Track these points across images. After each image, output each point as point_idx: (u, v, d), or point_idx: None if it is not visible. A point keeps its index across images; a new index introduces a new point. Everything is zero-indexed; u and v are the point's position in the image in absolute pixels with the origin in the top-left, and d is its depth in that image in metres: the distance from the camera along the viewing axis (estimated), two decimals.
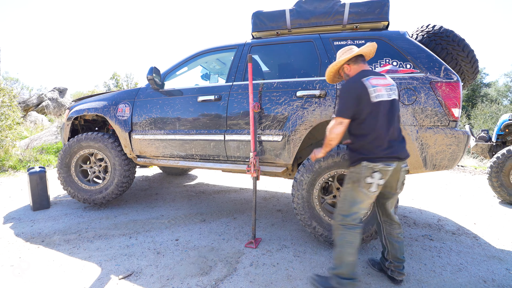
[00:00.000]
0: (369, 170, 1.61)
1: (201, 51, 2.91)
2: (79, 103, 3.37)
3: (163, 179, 4.94)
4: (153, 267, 2.03)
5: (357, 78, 1.65)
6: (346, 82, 1.70)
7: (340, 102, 1.67)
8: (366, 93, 1.59)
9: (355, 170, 1.68)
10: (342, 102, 1.65)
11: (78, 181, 3.19)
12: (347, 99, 1.63)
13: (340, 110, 1.64)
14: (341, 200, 1.73)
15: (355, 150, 1.70)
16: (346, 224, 1.67)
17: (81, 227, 2.71)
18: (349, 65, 1.78)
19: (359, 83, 1.62)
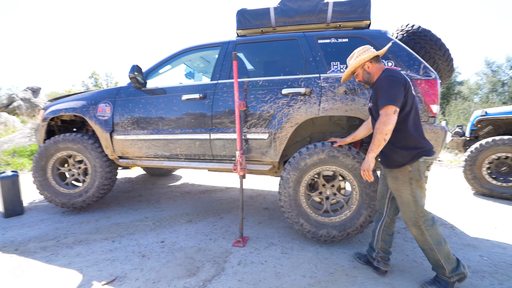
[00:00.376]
0: (426, 164, 1.61)
1: (184, 49, 2.85)
2: (55, 103, 3.20)
3: (147, 180, 4.81)
4: (138, 271, 1.97)
5: (396, 71, 1.64)
6: (388, 73, 1.62)
7: (388, 91, 1.55)
8: (409, 85, 1.60)
9: (414, 168, 1.61)
10: (392, 91, 1.54)
11: (55, 185, 3.03)
12: (397, 87, 1.55)
13: (392, 98, 1.53)
14: (411, 204, 1.63)
15: (409, 147, 1.61)
16: (429, 223, 1.64)
17: (59, 233, 2.58)
18: (371, 63, 1.74)
19: (402, 74, 1.62)
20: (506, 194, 3.71)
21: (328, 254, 2.17)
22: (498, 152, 3.73)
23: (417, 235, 1.68)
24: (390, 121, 1.53)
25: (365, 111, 2.20)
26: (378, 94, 1.61)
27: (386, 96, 1.55)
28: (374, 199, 2.14)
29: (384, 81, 1.61)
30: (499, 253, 2.23)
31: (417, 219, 1.64)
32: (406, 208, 1.67)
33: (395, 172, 1.68)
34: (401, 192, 1.66)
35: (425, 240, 1.66)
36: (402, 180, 1.64)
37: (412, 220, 1.66)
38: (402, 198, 1.67)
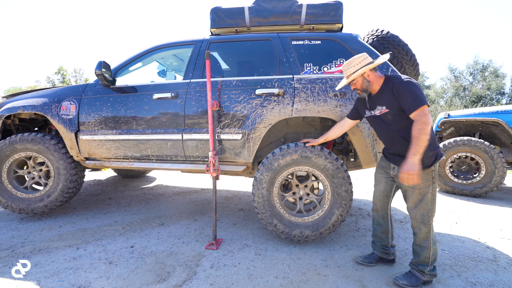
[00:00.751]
0: (437, 165, 1.69)
1: (156, 46, 2.75)
2: (12, 100, 2.95)
3: (118, 182, 4.60)
4: (103, 279, 1.86)
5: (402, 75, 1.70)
6: (403, 78, 1.64)
7: (415, 92, 1.56)
8: None
9: (435, 168, 1.68)
10: (418, 91, 1.56)
11: (12, 189, 2.79)
12: (419, 88, 1.58)
13: (423, 98, 1.55)
14: (430, 202, 1.69)
15: (433, 147, 1.64)
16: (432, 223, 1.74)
17: (15, 242, 2.38)
18: (371, 72, 1.74)
19: None
20: (465, 191, 3.98)
21: (302, 254, 2.19)
22: (459, 152, 3.99)
23: (424, 233, 1.73)
24: (429, 120, 1.53)
25: (337, 112, 2.25)
26: (403, 99, 1.59)
27: (416, 98, 1.55)
28: (346, 199, 2.19)
29: (406, 85, 1.60)
30: (458, 246, 2.38)
31: (429, 217, 1.71)
32: (423, 207, 1.71)
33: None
34: (424, 191, 1.69)
35: (427, 238, 1.73)
36: (425, 179, 1.67)
37: (425, 218, 1.71)
38: (423, 196, 1.70)
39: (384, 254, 2.01)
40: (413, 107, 1.56)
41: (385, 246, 2.01)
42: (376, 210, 2.01)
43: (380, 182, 1.96)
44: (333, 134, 2.14)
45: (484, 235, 2.65)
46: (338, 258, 2.14)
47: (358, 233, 2.62)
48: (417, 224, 1.75)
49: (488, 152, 3.81)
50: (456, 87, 21.56)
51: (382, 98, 1.73)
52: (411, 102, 1.56)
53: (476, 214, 3.26)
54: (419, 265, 1.78)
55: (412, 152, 1.54)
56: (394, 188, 1.93)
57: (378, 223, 2.01)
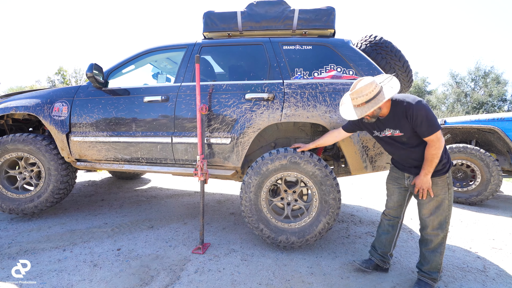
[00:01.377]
0: (450, 171, 1.75)
1: (149, 49, 2.76)
2: (6, 100, 2.97)
3: (112, 183, 4.60)
4: (86, 282, 1.85)
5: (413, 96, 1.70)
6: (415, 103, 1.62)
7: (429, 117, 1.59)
8: None
9: (449, 174, 1.74)
10: (431, 116, 1.62)
11: (2, 189, 2.80)
12: (431, 112, 1.64)
13: (436, 123, 1.61)
14: (446, 208, 1.73)
15: (445, 155, 1.73)
16: None
17: (2, 242, 2.37)
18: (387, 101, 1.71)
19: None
20: (461, 198, 3.94)
21: (288, 260, 2.17)
22: (454, 159, 3.96)
23: (440, 238, 1.75)
24: (442, 144, 1.62)
25: (326, 117, 2.24)
26: (417, 124, 1.62)
27: (431, 123, 1.60)
28: (333, 207, 2.17)
29: (420, 110, 1.60)
30: (449, 255, 2.35)
31: (447, 222, 1.74)
32: (441, 213, 1.73)
33: (435, 179, 1.73)
34: (441, 198, 1.73)
35: (442, 243, 1.76)
36: (441, 186, 1.72)
37: (442, 224, 1.74)
38: (440, 203, 1.73)
39: (382, 262, 2.01)
40: (427, 132, 1.62)
41: (385, 253, 2.01)
42: (388, 217, 2.01)
43: (394, 193, 1.96)
44: (325, 142, 2.12)
45: (475, 244, 2.61)
46: (324, 265, 2.12)
47: (347, 240, 2.59)
48: (434, 230, 1.75)
49: (484, 159, 3.78)
50: (457, 93, 21.50)
51: (393, 122, 1.73)
52: (425, 128, 1.61)
53: (469, 222, 3.22)
54: (431, 272, 1.78)
55: (425, 172, 1.66)
56: (407, 197, 1.95)
57: (386, 230, 2.00)
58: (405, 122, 1.67)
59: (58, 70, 17.25)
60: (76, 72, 18.34)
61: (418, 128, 1.64)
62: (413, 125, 1.65)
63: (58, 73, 17.38)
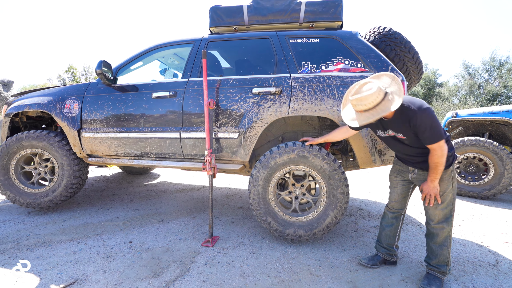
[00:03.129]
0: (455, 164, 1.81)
1: (156, 45, 2.78)
2: (20, 98, 3.06)
3: (123, 178, 4.70)
4: (100, 273, 1.91)
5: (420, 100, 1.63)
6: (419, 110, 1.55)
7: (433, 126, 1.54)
8: None
9: (453, 169, 1.74)
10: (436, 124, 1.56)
11: (19, 184, 2.90)
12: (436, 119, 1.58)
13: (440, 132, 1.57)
14: (451, 201, 1.73)
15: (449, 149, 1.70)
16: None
17: (21, 235, 2.47)
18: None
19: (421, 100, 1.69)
20: (473, 192, 3.87)
21: (296, 253, 2.19)
22: (467, 152, 3.87)
23: (446, 232, 1.75)
24: (445, 152, 1.59)
25: (334, 111, 2.22)
26: (420, 132, 1.58)
27: (434, 132, 1.56)
28: (342, 201, 2.17)
29: (423, 119, 1.55)
30: (459, 249, 2.32)
31: (452, 215, 1.74)
32: (446, 207, 1.73)
33: None
34: (445, 190, 1.72)
35: (448, 236, 1.76)
36: (446, 180, 1.72)
37: (447, 217, 1.74)
38: (444, 196, 1.72)
39: (388, 255, 2.00)
40: (429, 141, 1.59)
41: (390, 245, 2.00)
42: (392, 210, 2.00)
43: (397, 185, 1.96)
44: (333, 137, 2.11)
45: (487, 238, 2.57)
46: (332, 258, 2.12)
47: (356, 234, 2.59)
48: (440, 224, 1.75)
49: (497, 152, 3.69)
50: (470, 85, 20.86)
51: (397, 127, 1.70)
52: (428, 136, 1.58)
53: (481, 216, 3.16)
54: (440, 266, 1.77)
55: (431, 179, 1.66)
56: (411, 189, 1.95)
57: (389, 222, 2.00)
58: (408, 128, 1.63)
59: (68, 68, 17.58)
60: (85, 70, 18.64)
61: (420, 135, 1.61)
62: (416, 132, 1.61)
63: (68, 71, 17.71)
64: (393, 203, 1.99)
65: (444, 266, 1.76)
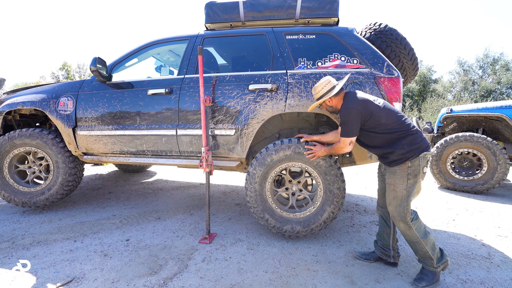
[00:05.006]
0: (425, 160, 1.71)
1: (151, 42, 2.75)
2: (12, 96, 3.01)
3: (119, 177, 4.67)
4: (97, 271, 1.91)
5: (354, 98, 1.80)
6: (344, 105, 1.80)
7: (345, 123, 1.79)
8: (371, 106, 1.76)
9: (411, 165, 1.69)
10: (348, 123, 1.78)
11: (13, 183, 2.87)
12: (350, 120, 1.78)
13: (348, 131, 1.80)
14: (404, 199, 1.70)
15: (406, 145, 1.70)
16: (413, 216, 1.74)
17: (16, 234, 2.45)
18: (331, 98, 1.90)
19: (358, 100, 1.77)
20: (467, 187, 3.92)
21: (293, 249, 2.21)
22: (461, 148, 3.92)
23: (405, 229, 1.73)
24: (345, 149, 1.85)
25: None
26: (340, 122, 1.81)
27: (343, 129, 1.79)
28: (338, 196, 2.19)
29: (342, 112, 1.79)
30: (453, 243, 2.36)
31: (405, 214, 1.70)
32: (397, 203, 1.72)
33: (393, 168, 1.75)
34: (396, 186, 1.72)
35: (412, 234, 1.72)
36: (400, 176, 1.71)
37: (400, 215, 1.71)
38: (396, 192, 1.72)
39: (384, 255, 1.97)
40: (340, 134, 1.84)
41: (385, 246, 1.97)
42: (379, 209, 2.01)
43: (379, 180, 2.03)
44: (328, 138, 2.11)
45: (481, 232, 2.62)
46: (329, 253, 2.15)
47: (352, 229, 2.62)
48: (396, 221, 1.75)
49: (491, 148, 3.74)
50: (465, 81, 21.04)
51: None
52: (341, 130, 1.82)
53: (475, 211, 3.22)
54: (425, 261, 1.76)
55: (327, 148, 2.04)
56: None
57: (381, 222, 2.00)
58: None
59: (62, 65, 17.30)
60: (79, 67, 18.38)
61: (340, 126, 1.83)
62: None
63: (62, 68, 17.44)
64: (378, 200, 2.03)
65: (429, 260, 1.74)
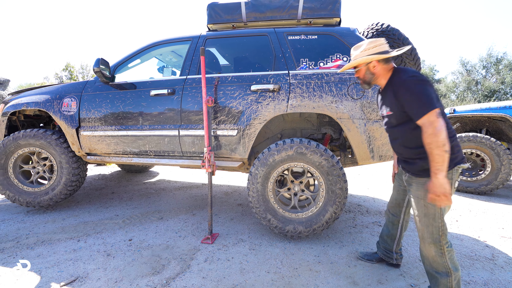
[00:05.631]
0: (458, 173, 1.39)
1: (154, 43, 2.77)
2: (17, 97, 3.04)
3: (122, 177, 4.70)
4: (101, 270, 1.92)
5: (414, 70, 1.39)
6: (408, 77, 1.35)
7: (420, 94, 1.29)
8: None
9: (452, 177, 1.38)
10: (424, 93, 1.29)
11: (18, 183, 2.89)
12: (426, 89, 1.30)
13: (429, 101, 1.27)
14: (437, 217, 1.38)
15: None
16: (449, 242, 1.42)
17: (20, 233, 2.47)
18: (378, 63, 1.49)
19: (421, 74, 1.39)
20: (470, 188, 3.90)
21: (295, 249, 2.21)
22: (464, 148, 3.90)
23: (435, 255, 1.40)
24: (438, 129, 1.24)
25: (332, 108, 2.23)
26: (406, 103, 1.34)
27: (420, 102, 1.28)
28: (340, 197, 2.18)
29: (409, 85, 1.32)
30: (456, 244, 2.34)
31: (439, 236, 1.39)
32: (429, 222, 1.40)
33: (424, 178, 1.42)
34: (427, 202, 1.39)
35: (443, 263, 1.40)
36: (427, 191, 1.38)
37: (433, 237, 1.39)
38: (427, 209, 1.39)
39: (386, 257, 1.94)
40: (417, 113, 1.29)
41: (388, 250, 1.92)
42: (388, 215, 1.88)
43: (394, 188, 1.82)
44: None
45: (484, 233, 2.60)
46: (331, 254, 2.14)
47: (354, 230, 2.61)
48: (426, 245, 1.43)
49: (494, 148, 3.71)
50: (468, 81, 20.92)
51: (386, 98, 1.50)
52: (415, 107, 1.30)
53: (478, 212, 3.19)
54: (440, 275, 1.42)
55: (432, 170, 1.27)
56: (407, 198, 1.74)
57: (386, 226, 1.91)
58: (394, 99, 1.42)
59: (65, 66, 17.45)
60: (83, 68, 18.52)
61: (407, 108, 1.34)
62: (402, 103, 1.36)
63: (66, 69, 17.58)
64: (389, 205, 1.87)
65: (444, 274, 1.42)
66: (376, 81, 1.55)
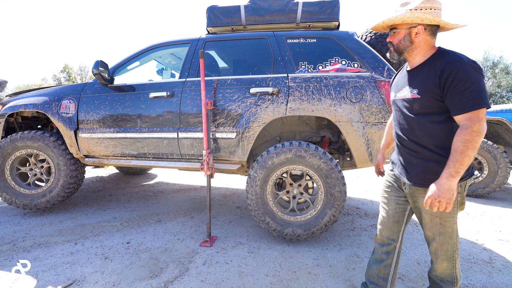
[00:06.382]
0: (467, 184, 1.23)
1: (153, 45, 2.77)
2: (15, 98, 3.02)
3: (120, 179, 4.67)
4: (98, 274, 1.91)
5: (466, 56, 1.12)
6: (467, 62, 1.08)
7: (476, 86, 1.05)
8: None
9: (462, 189, 1.20)
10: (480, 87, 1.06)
11: (15, 186, 2.87)
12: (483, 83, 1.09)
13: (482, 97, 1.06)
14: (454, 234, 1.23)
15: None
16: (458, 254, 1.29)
17: (17, 236, 2.45)
18: (425, 31, 1.18)
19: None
20: (467, 191, 3.92)
21: (294, 252, 2.20)
22: None
23: (446, 269, 1.30)
24: (483, 129, 1.05)
25: (331, 111, 2.24)
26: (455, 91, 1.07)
27: (476, 95, 1.05)
28: (339, 200, 2.19)
29: (468, 72, 1.06)
30: None
31: (454, 252, 1.27)
32: (444, 240, 1.24)
33: None
34: (444, 219, 1.21)
35: (451, 273, 1.30)
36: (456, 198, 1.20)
37: (447, 254, 1.27)
38: (444, 227, 1.22)
39: None
40: (465, 106, 1.06)
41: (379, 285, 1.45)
42: (381, 241, 1.43)
43: (389, 202, 1.40)
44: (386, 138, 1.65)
45: (482, 236, 2.61)
46: (330, 257, 2.14)
47: (353, 233, 2.61)
48: (440, 261, 1.30)
49: (491, 151, 3.74)
50: None
51: (418, 78, 1.20)
52: (467, 98, 1.06)
53: (476, 215, 3.21)
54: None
55: (450, 171, 1.07)
56: (408, 211, 1.38)
57: (378, 258, 1.44)
58: (434, 80, 1.13)
59: (64, 68, 17.43)
60: (81, 70, 18.53)
61: (454, 97, 1.08)
62: (446, 89, 1.09)
63: (64, 71, 17.56)
64: (381, 228, 1.43)
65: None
66: (411, 54, 1.23)
